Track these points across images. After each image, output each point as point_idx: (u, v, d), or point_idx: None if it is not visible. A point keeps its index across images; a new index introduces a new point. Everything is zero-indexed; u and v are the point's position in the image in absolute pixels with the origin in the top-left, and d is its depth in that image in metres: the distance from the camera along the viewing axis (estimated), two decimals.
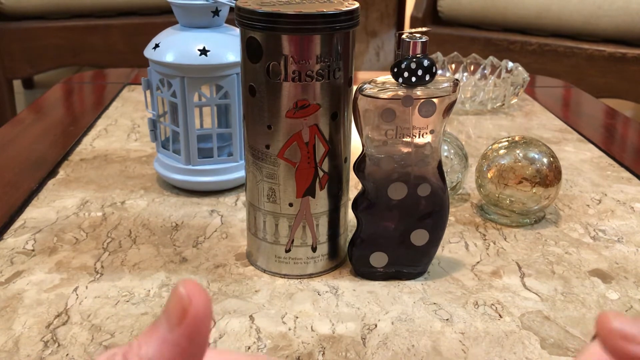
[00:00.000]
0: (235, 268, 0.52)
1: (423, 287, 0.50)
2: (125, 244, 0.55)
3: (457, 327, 0.45)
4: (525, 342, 0.43)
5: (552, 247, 0.56)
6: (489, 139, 0.83)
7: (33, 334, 0.43)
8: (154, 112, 0.64)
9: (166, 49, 0.59)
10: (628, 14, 1.47)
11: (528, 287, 0.50)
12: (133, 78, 1.09)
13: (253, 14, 0.43)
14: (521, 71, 0.95)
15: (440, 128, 0.47)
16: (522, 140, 0.59)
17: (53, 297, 0.48)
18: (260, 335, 0.44)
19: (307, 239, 0.49)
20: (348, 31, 0.45)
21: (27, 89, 2.26)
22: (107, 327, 0.44)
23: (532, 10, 1.56)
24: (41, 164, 0.72)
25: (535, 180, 0.57)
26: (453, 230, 0.59)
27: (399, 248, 0.49)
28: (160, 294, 0.48)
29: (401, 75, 0.45)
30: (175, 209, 0.62)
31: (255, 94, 0.46)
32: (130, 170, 0.71)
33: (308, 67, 0.44)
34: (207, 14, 0.60)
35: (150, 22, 1.70)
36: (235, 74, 0.61)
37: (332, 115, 0.46)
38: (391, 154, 0.47)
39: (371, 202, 0.48)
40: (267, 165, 0.47)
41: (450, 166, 0.62)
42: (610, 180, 0.71)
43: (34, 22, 1.66)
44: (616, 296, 0.49)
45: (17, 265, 0.52)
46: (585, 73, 1.51)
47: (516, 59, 1.44)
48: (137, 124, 0.87)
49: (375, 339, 0.43)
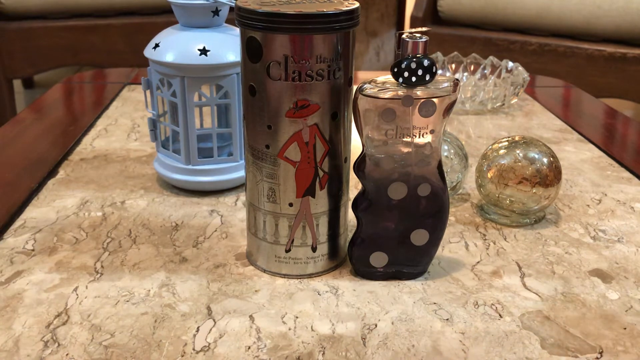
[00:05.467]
0: (235, 268, 0.52)
1: (423, 287, 0.50)
2: (125, 244, 0.55)
3: (457, 327, 0.45)
4: (525, 342, 0.43)
5: (552, 247, 0.56)
6: (489, 138, 0.83)
7: (33, 334, 0.43)
8: (154, 112, 0.64)
9: (166, 48, 0.59)
10: (628, 14, 1.47)
11: (528, 287, 0.50)
12: (133, 78, 1.09)
13: (253, 13, 0.43)
14: (521, 71, 0.95)
15: (441, 128, 0.47)
16: (522, 140, 0.59)
17: (53, 297, 0.48)
18: (260, 335, 0.44)
19: (307, 238, 0.49)
20: (348, 31, 0.45)
21: (27, 88, 2.26)
22: (107, 327, 0.44)
23: (532, 10, 1.56)
24: (41, 163, 0.72)
25: (535, 180, 0.57)
26: (453, 230, 0.59)
27: (399, 248, 0.49)
28: (160, 294, 0.48)
29: (401, 75, 0.45)
30: (175, 209, 0.62)
31: (256, 93, 0.46)
32: (130, 170, 0.71)
33: (308, 67, 0.44)
34: (207, 13, 0.60)
35: (150, 22, 1.70)
36: (235, 74, 0.61)
37: (332, 115, 0.46)
38: (391, 154, 0.47)
39: (371, 202, 0.48)
40: (267, 165, 0.47)
41: (450, 166, 0.62)
42: (611, 180, 0.71)
43: (34, 22, 1.66)
44: (616, 296, 0.49)
45: (17, 265, 0.52)
46: (586, 73, 1.51)
47: (516, 59, 1.44)
48: (137, 123, 0.87)
49: (376, 339, 0.43)
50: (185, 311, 0.46)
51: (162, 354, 0.41)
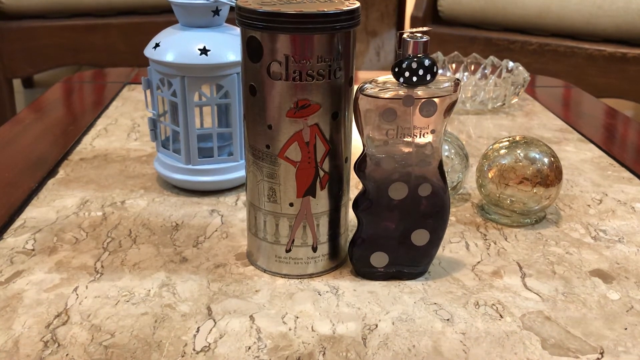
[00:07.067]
0: (235, 268, 0.52)
1: (424, 287, 0.50)
2: (125, 244, 0.55)
3: (458, 328, 0.45)
4: (526, 342, 0.43)
5: (552, 247, 0.56)
6: (490, 138, 0.83)
7: (33, 334, 0.43)
8: (154, 112, 0.64)
9: (166, 48, 0.59)
10: (628, 14, 1.46)
11: (529, 287, 0.50)
12: (133, 77, 1.09)
13: (253, 13, 0.43)
14: (522, 71, 0.95)
15: (441, 128, 0.47)
16: (523, 140, 0.59)
17: (53, 297, 0.47)
18: (260, 336, 0.43)
19: (308, 239, 0.49)
20: (349, 31, 0.45)
21: (26, 88, 2.26)
22: (107, 327, 0.44)
23: (532, 9, 1.56)
24: (41, 163, 0.72)
25: (536, 180, 0.57)
26: (454, 230, 0.59)
27: (399, 248, 0.49)
28: (160, 294, 0.48)
29: (402, 75, 0.45)
30: (176, 209, 0.62)
31: (256, 93, 0.46)
32: (130, 169, 0.71)
33: (309, 67, 0.44)
34: (208, 13, 0.60)
35: (151, 22, 1.70)
36: (235, 74, 0.61)
37: (332, 115, 0.46)
38: (392, 154, 0.47)
39: (372, 202, 0.48)
40: (267, 165, 0.47)
41: (451, 166, 0.62)
42: (611, 180, 0.71)
43: (34, 22, 1.66)
44: (617, 296, 0.49)
45: (17, 265, 0.52)
46: (586, 73, 1.51)
47: (517, 59, 1.44)
48: (137, 123, 0.86)
49: (376, 339, 0.43)
50: (186, 311, 0.46)
51: (162, 354, 0.41)
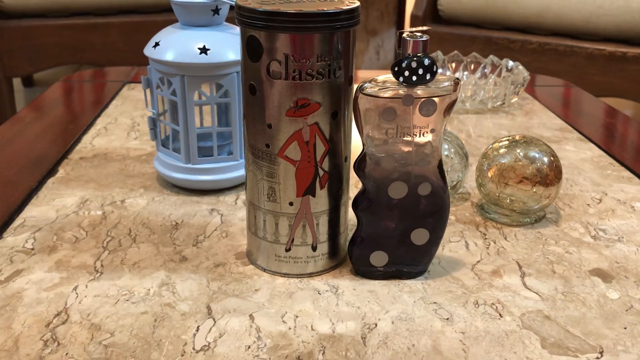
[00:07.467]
0: (235, 267, 0.52)
1: (423, 286, 0.50)
2: (125, 243, 0.55)
3: (458, 327, 0.45)
4: (525, 341, 0.43)
5: (552, 246, 0.56)
6: (490, 138, 0.83)
7: (32, 333, 0.43)
8: (154, 111, 0.64)
9: (166, 47, 0.59)
10: (628, 13, 1.46)
11: (528, 287, 0.50)
12: (133, 76, 1.09)
13: (253, 12, 0.43)
14: (521, 70, 0.95)
15: (441, 127, 0.47)
16: (523, 139, 0.59)
17: (53, 296, 0.47)
18: (260, 335, 0.43)
19: (307, 238, 0.49)
20: (348, 30, 0.45)
21: (26, 87, 2.26)
22: (106, 326, 0.44)
23: (532, 9, 1.56)
24: (41, 162, 0.72)
25: (535, 180, 0.57)
26: (453, 230, 0.59)
27: (399, 247, 0.49)
28: (160, 293, 0.48)
29: (402, 74, 0.45)
30: (175, 208, 0.62)
31: (256, 92, 0.46)
32: (130, 168, 0.71)
33: (308, 66, 0.44)
34: (207, 12, 0.60)
35: (150, 21, 1.70)
36: (235, 73, 0.61)
37: (332, 114, 0.46)
38: (391, 153, 0.47)
39: (371, 201, 0.48)
40: (267, 164, 0.47)
41: (450, 165, 0.62)
42: (611, 180, 0.71)
43: (34, 20, 1.66)
44: (616, 296, 0.49)
45: (16, 264, 0.52)
46: (586, 72, 1.51)
47: (516, 58, 1.44)
48: (137, 122, 0.86)
49: (376, 339, 0.43)
50: (185, 310, 0.46)
51: (162, 354, 0.41)
